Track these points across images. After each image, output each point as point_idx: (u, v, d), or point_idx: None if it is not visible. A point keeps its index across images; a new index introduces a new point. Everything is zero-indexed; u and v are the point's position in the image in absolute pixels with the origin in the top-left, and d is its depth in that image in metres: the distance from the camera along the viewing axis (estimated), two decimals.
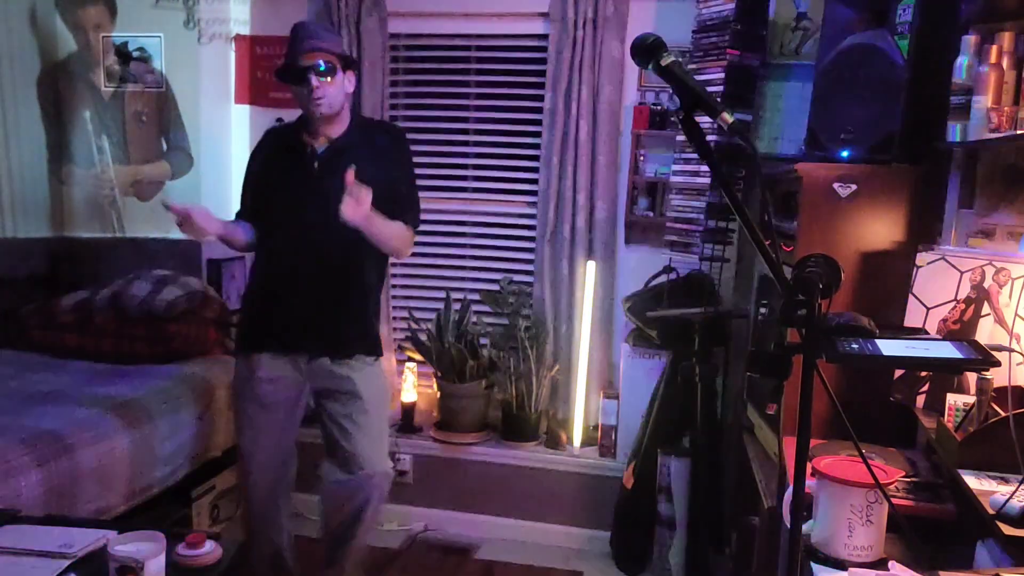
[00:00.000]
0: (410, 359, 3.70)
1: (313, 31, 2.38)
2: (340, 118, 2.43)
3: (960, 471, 1.54)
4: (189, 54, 3.72)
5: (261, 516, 2.57)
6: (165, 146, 3.81)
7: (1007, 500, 1.37)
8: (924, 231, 2.14)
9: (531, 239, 3.59)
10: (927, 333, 1.91)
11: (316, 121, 2.39)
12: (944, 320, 1.91)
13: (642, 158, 3.45)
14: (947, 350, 1.41)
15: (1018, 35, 1.82)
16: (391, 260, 3.66)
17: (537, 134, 3.48)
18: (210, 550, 1.71)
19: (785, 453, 1.94)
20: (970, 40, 1.88)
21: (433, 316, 3.60)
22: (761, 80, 3.11)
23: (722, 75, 2.99)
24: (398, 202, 2.42)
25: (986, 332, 1.79)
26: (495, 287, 3.60)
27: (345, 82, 2.40)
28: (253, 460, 2.52)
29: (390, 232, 2.39)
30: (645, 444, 3.12)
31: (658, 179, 3.40)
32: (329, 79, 2.33)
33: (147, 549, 1.52)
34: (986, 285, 1.82)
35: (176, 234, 2.36)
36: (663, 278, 3.27)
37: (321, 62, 2.31)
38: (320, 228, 2.34)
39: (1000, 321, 1.77)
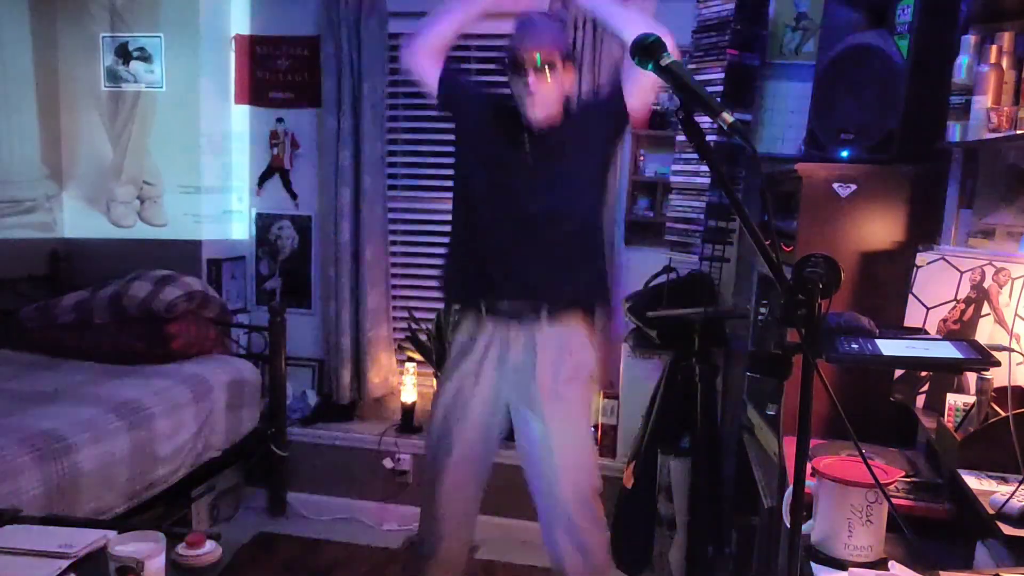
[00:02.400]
0: (410, 359, 3.70)
1: (540, 27, 2.25)
2: (557, 111, 2.27)
3: (960, 471, 1.54)
4: (189, 54, 3.72)
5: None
6: None
7: (1007, 500, 1.37)
8: (924, 231, 2.13)
9: None
10: (927, 333, 1.90)
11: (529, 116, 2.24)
12: (944, 320, 1.91)
13: (642, 158, 3.45)
14: (947, 350, 1.41)
15: (1018, 35, 1.82)
16: (391, 260, 3.72)
17: None
18: (210, 550, 1.71)
19: (785, 453, 1.94)
20: (970, 40, 1.88)
21: (433, 316, 3.60)
22: (761, 80, 3.11)
23: (722, 75, 2.99)
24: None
25: (986, 332, 1.79)
26: None
27: (564, 80, 2.23)
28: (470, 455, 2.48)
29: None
30: (645, 444, 3.11)
31: (658, 179, 3.40)
32: (547, 77, 2.17)
33: (147, 549, 1.52)
34: (986, 285, 1.82)
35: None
36: (663, 278, 3.27)
37: (539, 57, 2.15)
38: (532, 217, 2.23)
39: (1000, 321, 1.77)
